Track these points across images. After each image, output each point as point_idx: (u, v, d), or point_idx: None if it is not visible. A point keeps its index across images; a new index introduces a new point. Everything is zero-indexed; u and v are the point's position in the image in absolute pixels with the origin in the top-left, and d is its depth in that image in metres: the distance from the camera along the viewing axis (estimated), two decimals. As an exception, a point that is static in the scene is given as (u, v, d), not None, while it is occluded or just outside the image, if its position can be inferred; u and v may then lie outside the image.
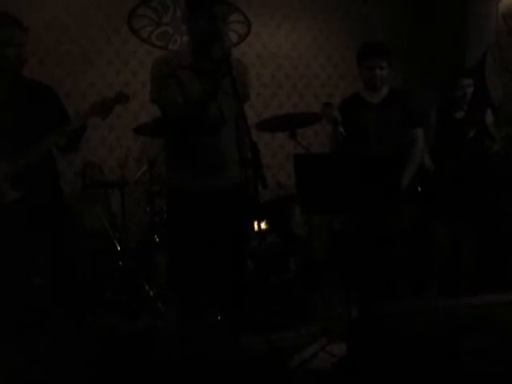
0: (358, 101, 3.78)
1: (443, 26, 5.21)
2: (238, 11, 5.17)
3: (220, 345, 3.06)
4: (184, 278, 3.03)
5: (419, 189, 3.82)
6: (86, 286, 3.87)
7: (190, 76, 2.86)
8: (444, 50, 5.16)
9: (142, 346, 3.40)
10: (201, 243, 2.95)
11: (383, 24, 5.60)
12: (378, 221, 3.51)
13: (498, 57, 4.68)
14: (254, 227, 3.75)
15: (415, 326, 2.75)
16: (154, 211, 4.20)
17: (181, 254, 3.01)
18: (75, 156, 4.67)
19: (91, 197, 4.63)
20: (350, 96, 3.90)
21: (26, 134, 2.91)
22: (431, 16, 5.35)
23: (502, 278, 3.94)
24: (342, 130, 3.32)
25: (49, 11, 4.70)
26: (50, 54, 4.67)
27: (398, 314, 2.84)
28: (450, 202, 3.96)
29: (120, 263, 4.17)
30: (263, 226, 4.01)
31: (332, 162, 2.97)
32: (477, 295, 3.09)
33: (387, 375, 2.67)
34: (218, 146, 2.92)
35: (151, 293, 3.99)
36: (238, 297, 3.13)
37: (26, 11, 4.59)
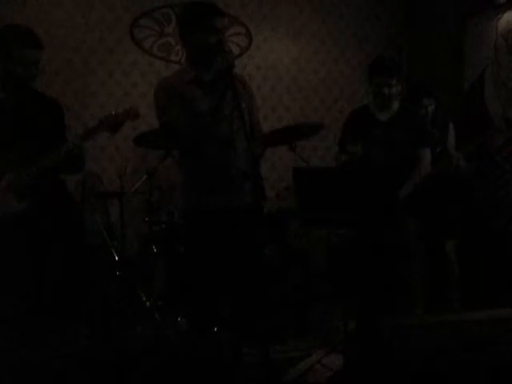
0: (366, 115, 3.71)
1: (442, 44, 5.24)
2: (239, 24, 5.21)
3: (219, 357, 3.05)
4: (191, 292, 3.00)
5: None
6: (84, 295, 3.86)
7: (195, 91, 2.81)
8: (443, 67, 5.19)
9: (137, 356, 3.39)
10: (218, 261, 2.85)
11: (384, 43, 5.64)
12: (376, 234, 3.50)
13: (496, 74, 4.71)
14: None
15: (413, 340, 2.76)
16: (152, 221, 4.20)
17: (184, 270, 2.97)
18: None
19: (90, 206, 4.64)
20: (360, 108, 3.85)
21: (31, 147, 2.89)
22: (430, 33, 5.39)
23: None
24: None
25: (51, 21, 4.74)
26: (51, 63, 4.69)
27: (396, 328, 2.85)
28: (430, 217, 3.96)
29: (117, 273, 4.16)
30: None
31: (331, 175, 2.99)
32: (479, 310, 3.10)
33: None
34: (231, 161, 2.84)
35: (148, 303, 3.98)
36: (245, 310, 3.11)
37: (27, 20, 4.64)
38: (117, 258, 4.22)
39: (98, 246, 4.36)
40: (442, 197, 3.96)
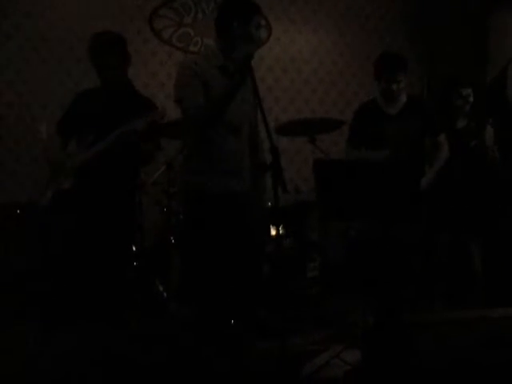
0: (375, 110, 3.72)
1: (464, 39, 5.17)
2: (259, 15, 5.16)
3: (233, 349, 3.04)
4: (199, 281, 3.01)
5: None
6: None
7: (219, 77, 2.85)
8: (465, 63, 5.12)
9: (151, 348, 3.38)
10: (219, 247, 2.92)
11: (404, 37, 5.58)
12: (395, 228, 3.47)
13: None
14: (270, 232, 3.73)
15: (430, 338, 2.73)
16: (170, 212, 4.19)
17: (198, 257, 2.99)
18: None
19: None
20: (367, 103, 3.85)
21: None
22: (452, 29, 5.32)
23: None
24: None
25: (72, 11, 4.74)
26: (72, 53, 4.70)
27: (416, 324, 2.82)
28: (455, 211, 3.93)
29: (135, 263, 4.16)
30: (280, 231, 3.99)
31: (352, 168, 2.95)
32: (492, 308, 3.06)
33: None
34: (237, 148, 2.92)
35: (165, 294, 3.98)
36: (253, 301, 3.12)
37: (50, 12, 4.66)
38: (134, 249, 4.22)
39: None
40: (471, 191, 3.93)
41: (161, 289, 4.00)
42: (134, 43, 4.88)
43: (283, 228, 4.03)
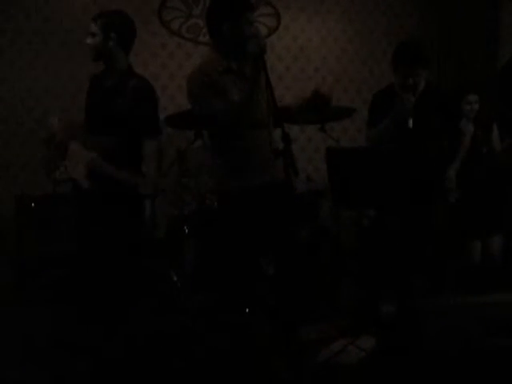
0: (393, 97, 3.47)
1: (476, 25, 5.14)
2: (267, 4, 5.16)
3: (246, 337, 3.06)
4: (215, 269, 3.03)
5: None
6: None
7: (227, 80, 2.83)
8: (477, 49, 5.10)
9: (168, 341, 3.40)
10: (250, 241, 2.89)
11: (415, 22, 5.54)
12: (411, 218, 3.44)
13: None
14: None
15: (447, 324, 2.73)
16: (182, 203, 4.21)
17: (220, 247, 3.00)
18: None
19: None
20: (385, 90, 3.65)
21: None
22: (464, 15, 5.27)
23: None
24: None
25: (78, 3, 4.74)
26: (79, 47, 4.70)
27: (430, 311, 2.82)
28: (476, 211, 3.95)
29: (148, 254, 4.18)
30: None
31: (365, 156, 2.95)
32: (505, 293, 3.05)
33: (416, 371, 2.66)
34: (261, 143, 2.90)
35: (179, 284, 4.00)
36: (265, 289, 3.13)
37: (54, 7, 4.67)
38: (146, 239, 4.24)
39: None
40: (491, 190, 3.95)
41: (175, 279, 4.02)
42: (143, 35, 4.89)
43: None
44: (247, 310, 3.17)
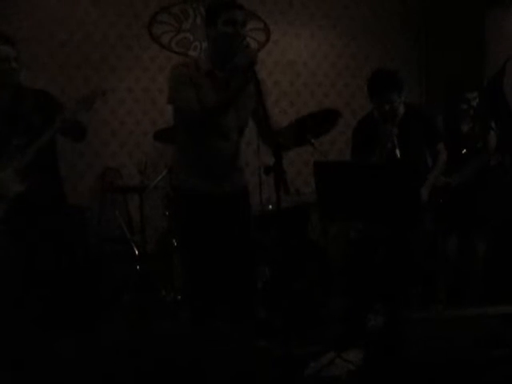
0: (373, 125, 3.61)
1: (462, 36, 5.19)
2: (257, 18, 5.20)
3: (233, 350, 3.05)
4: (195, 282, 3.03)
5: (441, 201, 3.83)
6: (104, 289, 3.90)
7: (207, 83, 2.86)
8: (463, 60, 5.14)
9: (155, 350, 3.39)
10: (208, 247, 2.95)
11: (402, 35, 5.61)
12: (396, 229, 3.49)
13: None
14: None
15: (435, 336, 2.75)
16: (172, 216, 4.22)
17: (189, 258, 3.02)
18: (95, 160, 4.75)
19: (110, 201, 4.67)
20: (365, 118, 3.76)
21: (30, 133, 3.16)
22: (450, 26, 5.34)
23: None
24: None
25: (72, 18, 4.77)
26: (71, 60, 4.74)
27: (417, 323, 2.84)
28: (461, 214, 3.97)
29: (137, 267, 4.19)
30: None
31: (352, 170, 2.98)
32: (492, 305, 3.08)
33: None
34: (227, 151, 2.96)
35: (168, 298, 4.01)
36: (250, 301, 3.13)
37: (51, 19, 4.69)
38: (137, 253, 4.25)
39: (117, 240, 4.39)
40: (478, 192, 4.00)
41: (163, 292, 4.02)
42: (134, 49, 4.93)
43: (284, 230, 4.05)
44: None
